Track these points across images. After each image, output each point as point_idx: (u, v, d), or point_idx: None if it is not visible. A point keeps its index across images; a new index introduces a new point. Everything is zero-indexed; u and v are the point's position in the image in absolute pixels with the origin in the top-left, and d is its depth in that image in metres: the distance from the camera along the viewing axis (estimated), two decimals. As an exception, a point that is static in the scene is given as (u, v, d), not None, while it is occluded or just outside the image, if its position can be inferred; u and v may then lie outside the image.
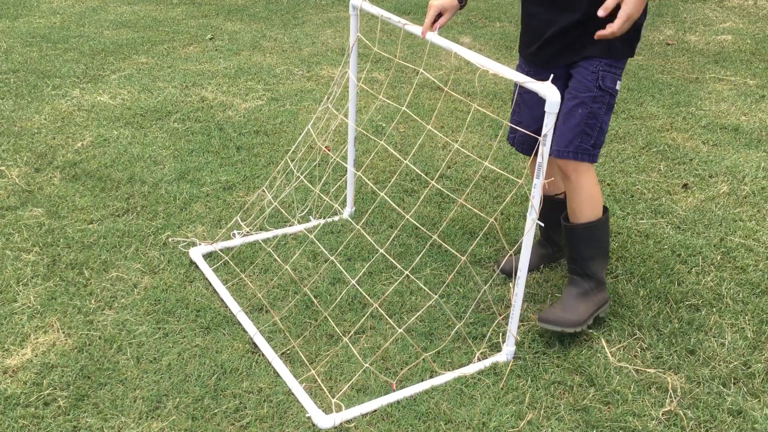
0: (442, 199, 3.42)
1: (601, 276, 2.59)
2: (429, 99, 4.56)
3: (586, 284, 2.57)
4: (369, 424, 2.19)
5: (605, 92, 2.38)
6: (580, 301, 2.55)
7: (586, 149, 2.42)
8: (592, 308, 2.55)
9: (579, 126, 2.40)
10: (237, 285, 2.79)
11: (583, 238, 2.55)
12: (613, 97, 2.41)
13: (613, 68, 2.38)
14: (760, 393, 2.34)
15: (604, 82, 2.37)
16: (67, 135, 3.95)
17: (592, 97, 2.38)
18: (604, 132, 2.43)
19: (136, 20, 6.16)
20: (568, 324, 2.48)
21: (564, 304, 2.55)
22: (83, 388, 2.28)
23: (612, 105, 2.42)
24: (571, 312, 2.51)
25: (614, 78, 2.39)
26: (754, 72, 5.21)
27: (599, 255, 2.57)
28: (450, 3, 2.46)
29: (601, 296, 2.59)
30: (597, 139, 2.42)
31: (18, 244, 2.99)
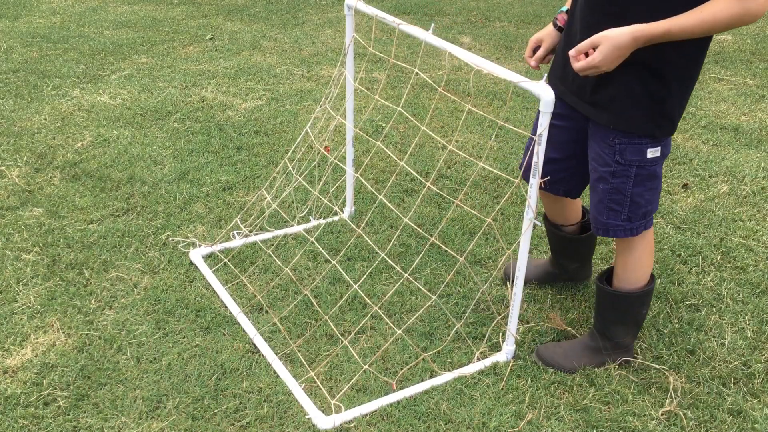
0: (441, 199, 3.42)
1: (625, 341, 2.40)
2: (428, 99, 4.56)
3: (602, 342, 2.41)
4: (369, 424, 2.19)
5: (627, 165, 2.11)
6: (587, 353, 2.42)
7: (618, 225, 2.21)
8: (597, 363, 2.42)
9: (602, 203, 2.19)
10: (237, 285, 2.79)
11: (608, 302, 2.37)
12: (644, 168, 2.11)
13: (634, 143, 2.08)
14: (760, 393, 2.34)
15: (623, 156, 2.10)
16: (67, 135, 3.95)
17: (611, 173, 2.14)
18: (639, 204, 2.16)
19: (136, 20, 6.16)
20: (560, 370, 2.41)
21: (570, 349, 2.43)
22: (83, 388, 2.28)
23: (645, 175, 2.12)
24: (572, 360, 2.41)
25: (638, 149, 2.08)
26: (754, 72, 5.21)
27: (625, 323, 2.38)
28: (546, 32, 2.29)
29: (616, 356, 2.42)
30: (631, 213, 2.17)
31: (18, 244, 2.99)
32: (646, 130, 2.06)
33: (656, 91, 2.02)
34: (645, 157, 2.10)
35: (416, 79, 4.84)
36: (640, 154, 2.10)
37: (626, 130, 2.08)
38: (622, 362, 2.43)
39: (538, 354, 2.45)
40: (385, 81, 4.84)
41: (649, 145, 2.09)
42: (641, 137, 2.08)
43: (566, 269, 2.74)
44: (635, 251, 2.28)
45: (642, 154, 2.10)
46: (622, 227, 2.22)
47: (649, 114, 2.04)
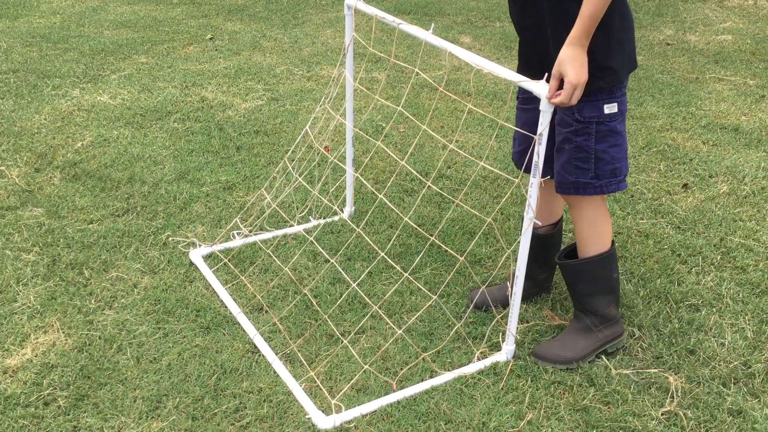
0: (441, 198, 3.42)
1: (608, 311, 2.45)
2: (428, 99, 4.56)
3: (588, 320, 2.45)
4: (369, 424, 2.19)
5: (587, 123, 2.24)
6: (580, 336, 2.45)
7: (587, 183, 2.30)
8: (594, 344, 2.45)
9: (569, 162, 2.30)
10: (237, 285, 2.79)
11: (577, 275, 2.44)
12: (603, 124, 2.25)
13: (591, 100, 2.21)
14: (760, 393, 2.34)
15: (582, 114, 2.23)
16: (67, 135, 3.95)
17: (574, 131, 2.27)
18: (605, 160, 2.27)
19: (136, 20, 6.17)
20: (561, 361, 2.42)
21: (563, 338, 2.47)
22: (83, 388, 2.28)
23: (606, 131, 2.26)
24: (569, 348, 2.43)
25: (595, 106, 2.22)
26: (754, 72, 5.21)
27: (601, 291, 2.44)
28: None
29: (608, 332, 2.46)
30: (598, 170, 2.28)
31: (18, 244, 2.99)
32: (593, 85, 2.17)
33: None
34: (603, 112, 2.24)
35: (416, 79, 4.84)
36: (597, 110, 2.23)
37: None
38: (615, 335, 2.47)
39: (535, 355, 2.45)
40: (385, 81, 4.84)
41: (605, 101, 2.23)
42: (595, 93, 2.21)
43: (535, 280, 2.69)
44: (593, 213, 2.37)
45: (599, 110, 2.23)
46: (591, 185, 2.31)
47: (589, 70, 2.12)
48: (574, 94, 2.07)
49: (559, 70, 2.08)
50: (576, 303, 2.49)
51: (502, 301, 2.67)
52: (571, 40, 2.08)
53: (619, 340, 2.49)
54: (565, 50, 2.08)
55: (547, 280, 2.75)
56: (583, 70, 2.07)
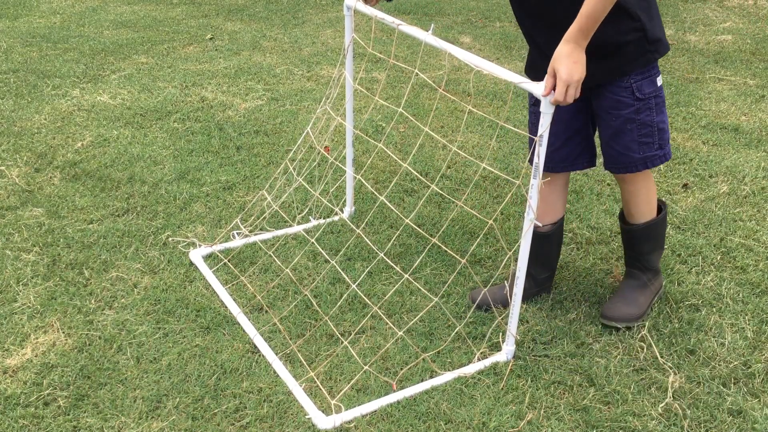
0: (442, 199, 3.42)
1: (657, 265, 2.67)
2: (429, 99, 4.56)
3: (644, 276, 2.64)
4: (369, 424, 2.19)
5: (647, 99, 2.34)
6: (639, 293, 2.62)
7: (654, 155, 2.42)
8: (650, 297, 2.64)
9: (635, 141, 2.38)
10: (237, 285, 2.79)
11: (642, 237, 2.60)
12: (659, 96, 2.36)
13: (646, 76, 2.32)
14: (760, 393, 2.34)
15: (641, 92, 2.32)
16: (67, 135, 3.95)
17: (636, 110, 2.35)
18: (663, 129, 2.40)
19: (136, 20, 6.17)
20: (632, 319, 2.57)
21: (625, 297, 2.61)
22: (83, 388, 2.29)
23: (661, 102, 2.38)
24: (634, 305, 2.59)
25: (650, 81, 2.33)
26: (754, 72, 5.21)
27: (658, 248, 2.65)
28: None
29: (657, 283, 2.68)
30: (660, 139, 2.40)
31: (18, 244, 2.99)
32: (649, 60, 2.29)
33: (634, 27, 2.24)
34: (657, 86, 2.35)
35: (416, 79, 4.84)
36: (653, 85, 2.34)
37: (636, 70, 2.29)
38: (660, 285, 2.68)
39: (605, 318, 2.58)
40: (385, 81, 4.84)
41: (657, 74, 2.34)
42: (649, 68, 2.31)
43: (536, 279, 2.69)
44: (648, 184, 2.51)
45: (654, 84, 2.34)
46: (658, 155, 2.43)
47: (642, 47, 2.26)
48: (569, 92, 2.07)
49: (553, 67, 2.08)
50: (634, 263, 2.64)
51: (502, 300, 2.66)
52: (567, 38, 2.08)
53: (662, 289, 2.71)
54: (560, 47, 2.08)
55: (547, 280, 2.75)
56: (577, 67, 2.06)
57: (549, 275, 2.75)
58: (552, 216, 2.65)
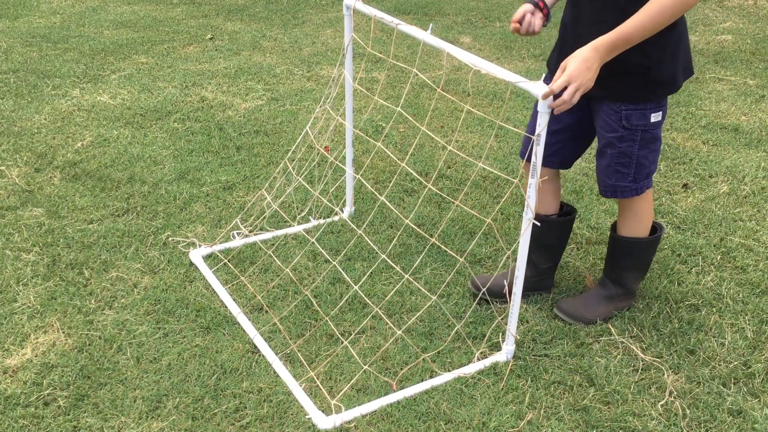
0: (441, 199, 3.42)
1: (633, 286, 2.65)
2: (428, 99, 4.56)
3: (614, 289, 2.63)
4: (369, 424, 2.19)
5: (633, 130, 2.31)
6: (602, 302, 2.63)
7: (625, 187, 2.41)
8: (609, 310, 2.64)
9: (611, 167, 2.38)
10: (237, 286, 2.79)
11: (623, 250, 2.58)
12: (648, 132, 2.32)
13: (639, 108, 2.28)
14: (760, 393, 2.34)
15: (629, 122, 2.30)
16: (67, 135, 3.95)
17: (619, 137, 2.32)
18: (644, 165, 2.37)
19: (136, 20, 6.17)
20: (581, 320, 2.61)
21: (587, 300, 2.64)
22: (83, 388, 2.29)
23: (649, 138, 2.33)
24: (590, 311, 2.61)
25: (643, 115, 2.29)
26: (754, 72, 5.21)
27: (637, 269, 2.62)
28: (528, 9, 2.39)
29: (624, 302, 2.67)
30: (636, 174, 2.37)
31: (18, 244, 2.99)
32: (643, 98, 2.26)
33: (641, 63, 2.21)
34: (649, 121, 2.30)
35: (416, 79, 4.84)
36: (644, 119, 2.30)
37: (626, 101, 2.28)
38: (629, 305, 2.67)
39: (559, 309, 2.63)
40: (384, 81, 4.84)
41: (652, 110, 2.29)
42: (645, 103, 2.28)
43: (538, 269, 2.69)
44: (638, 209, 2.49)
45: (646, 118, 2.30)
46: (628, 188, 2.41)
47: (641, 84, 2.23)
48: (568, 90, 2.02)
49: (566, 62, 2.05)
50: (610, 273, 2.64)
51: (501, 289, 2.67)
52: (595, 44, 2.05)
53: (626, 310, 2.68)
54: (583, 49, 2.05)
55: (548, 272, 2.73)
56: (588, 73, 2.04)
57: (551, 266, 2.73)
58: (542, 209, 2.63)
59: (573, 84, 2.04)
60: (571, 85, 2.04)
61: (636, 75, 2.24)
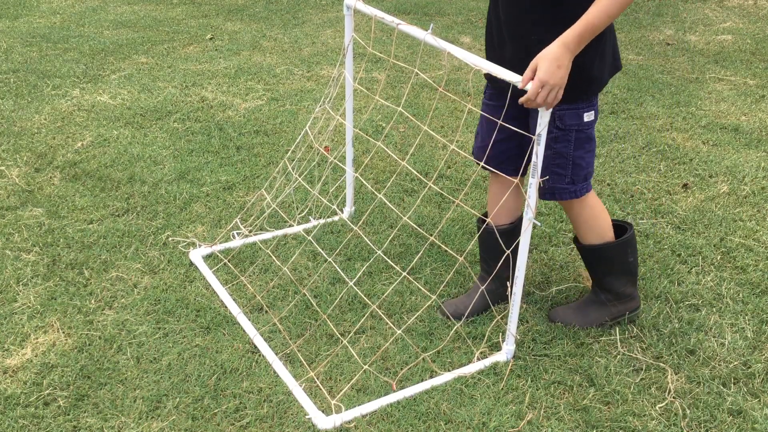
0: (441, 199, 3.42)
1: (623, 290, 2.57)
2: (428, 99, 4.56)
3: (603, 295, 2.60)
4: (369, 424, 2.19)
5: (567, 131, 2.28)
6: (593, 308, 2.61)
7: (563, 188, 2.37)
8: (604, 317, 2.59)
9: (548, 168, 2.32)
10: (237, 285, 2.79)
11: (591, 257, 2.57)
12: (582, 132, 2.30)
13: (572, 108, 2.26)
14: (760, 393, 2.34)
15: (563, 122, 2.27)
16: (67, 135, 3.95)
17: (553, 138, 2.29)
18: (581, 166, 2.34)
19: (136, 20, 6.17)
20: (574, 325, 2.60)
21: (578, 307, 2.63)
22: (83, 388, 2.29)
23: (584, 138, 2.31)
24: (580, 318, 2.60)
25: (575, 114, 2.27)
26: (754, 72, 5.21)
27: (616, 272, 2.55)
28: None
29: (622, 307, 2.59)
30: (574, 175, 2.34)
31: (18, 244, 2.99)
32: (575, 98, 2.22)
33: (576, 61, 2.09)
34: (582, 120, 2.29)
35: (416, 79, 4.84)
36: (578, 119, 2.28)
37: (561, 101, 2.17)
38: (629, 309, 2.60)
39: (551, 317, 2.62)
40: (385, 81, 4.84)
41: (584, 110, 2.27)
42: (577, 103, 2.25)
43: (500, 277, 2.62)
44: (585, 215, 2.46)
45: (579, 118, 2.28)
46: (567, 190, 2.38)
47: (573, 83, 2.11)
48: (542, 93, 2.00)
49: (536, 63, 2.02)
50: (593, 279, 2.62)
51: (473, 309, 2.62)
52: (562, 39, 2.02)
53: (634, 313, 2.61)
54: (551, 47, 2.02)
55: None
56: (560, 72, 2.01)
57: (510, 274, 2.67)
58: (506, 217, 2.61)
59: (546, 86, 2.01)
60: (544, 87, 2.01)
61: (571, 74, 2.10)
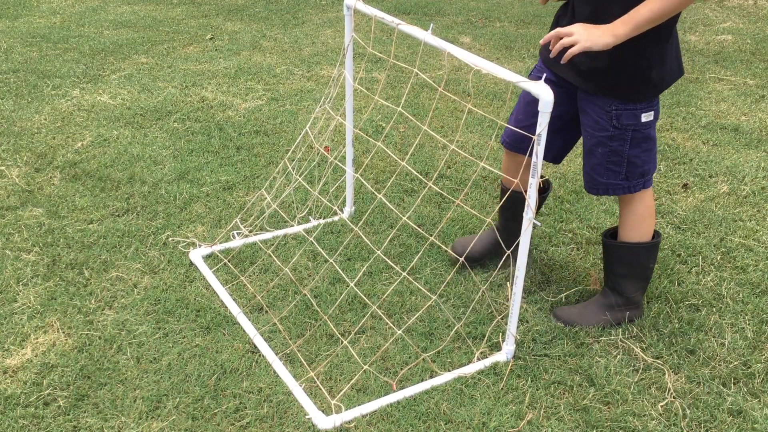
0: (441, 199, 3.42)
1: (634, 296, 2.58)
2: (428, 99, 4.56)
3: (614, 298, 2.59)
4: (369, 424, 2.19)
5: (624, 130, 2.32)
6: (601, 311, 2.60)
7: (617, 185, 2.42)
8: (608, 320, 2.59)
9: (602, 165, 2.39)
10: (237, 286, 2.79)
11: (615, 255, 2.57)
12: (639, 131, 2.33)
13: (630, 108, 2.30)
14: (760, 393, 2.34)
15: (619, 121, 2.31)
16: (67, 135, 3.95)
17: (610, 137, 2.34)
18: (636, 164, 2.37)
19: (136, 20, 6.17)
20: (579, 324, 2.60)
21: (585, 308, 2.62)
22: (83, 388, 2.29)
23: (640, 137, 2.34)
24: (586, 318, 2.60)
25: (633, 115, 2.30)
26: (754, 72, 5.21)
27: (635, 276, 2.56)
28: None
29: (624, 313, 2.60)
30: (628, 173, 2.38)
31: (18, 244, 2.99)
32: (634, 98, 2.27)
33: (638, 63, 2.22)
34: (640, 121, 2.31)
35: (416, 79, 4.84)
36: (635, 119, 2.30)
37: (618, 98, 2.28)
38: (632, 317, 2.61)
39: (555, 315, 2.62)
40: (384, 81, 4.84)
41: (643, 110, 2.30)
42: (635, 103, 2.28)
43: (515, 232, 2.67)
44: (637, 209, 2.48)
45: (637, 118, 2.30)
46: (620, 186, 2.42)
47: (635, 84, 2.23)
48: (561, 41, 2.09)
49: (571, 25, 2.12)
50: (608, 281, 2.61)
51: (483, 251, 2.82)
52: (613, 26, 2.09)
53: (629, 321, 2.62)
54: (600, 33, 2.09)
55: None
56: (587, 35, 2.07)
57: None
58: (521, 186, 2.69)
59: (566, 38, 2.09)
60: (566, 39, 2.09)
61: (631, 75, 2.25)
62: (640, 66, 2.22)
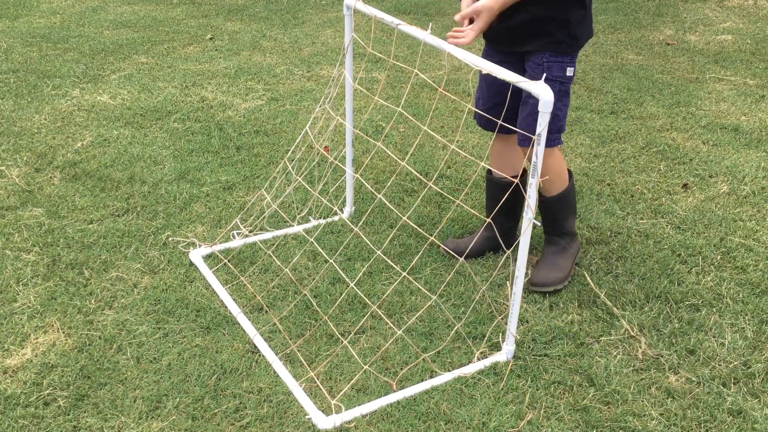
0: (441, 199, 3.42)
1: (573, 228, 2.88)
2: (428, 99, 4.56)
3: (563, 241, 2.85)
4: (369, 424, 2.19)
5: (553, 81, 2.55)
6: (559, 256, 2.83)
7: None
8: (570, 259, 2.84)
9: (531, 115, 2.53)
10: (237, 286, 2.79)
11: (556, 207, 2.82)
12: (565, 84, 2.61)
13: (558, 60, 2.57)
14: (760, 393, 2.34)
15: (551, 72, 2.54)
16: (67, 135, 3.95)
17: None
18: (558, 117, 2.61)
19: (136, 20, 6.17)
20: (558, 282, 2.76)
21: (548, 263, 2.81)
22: (83, 388, 2.29)
23: (563, 91, 2.61)
24: (557, 269, 2.79)
25: (561, 67, 2.57)
26: (754, 72, 5.21)
27: (571, 214, 2.86)
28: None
29: (575, 246, 2.88)
30: (551, 125, 2.53)
31: (18, 244, 2.99)
32: (561, 50, 2.56)
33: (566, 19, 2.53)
34: (565, 74, 2.60)
35: (416, 79, 4.84)
36: (562, 71, 2.59)
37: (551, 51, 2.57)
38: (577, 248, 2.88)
39: (534, 285, 2.75)
40: (384, 81, 4.84)
41: (567, 64, 2.59)
42: (562, 56, 2.57)
43: (502, 228, 2.91)
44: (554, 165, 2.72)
45: (563, 71, 2.59)
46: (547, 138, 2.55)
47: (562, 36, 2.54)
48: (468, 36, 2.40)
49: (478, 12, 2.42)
50: (553, 231, 2.86)
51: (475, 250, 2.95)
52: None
53: (580, 251, 2.94)
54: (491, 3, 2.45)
55: (511, 230, 3.00)
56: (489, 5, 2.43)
57: (513, 225, 3.00)
58: (510, 170, 2.90)
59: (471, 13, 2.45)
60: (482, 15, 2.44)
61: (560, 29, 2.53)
62: (568, 23, 2.52)
